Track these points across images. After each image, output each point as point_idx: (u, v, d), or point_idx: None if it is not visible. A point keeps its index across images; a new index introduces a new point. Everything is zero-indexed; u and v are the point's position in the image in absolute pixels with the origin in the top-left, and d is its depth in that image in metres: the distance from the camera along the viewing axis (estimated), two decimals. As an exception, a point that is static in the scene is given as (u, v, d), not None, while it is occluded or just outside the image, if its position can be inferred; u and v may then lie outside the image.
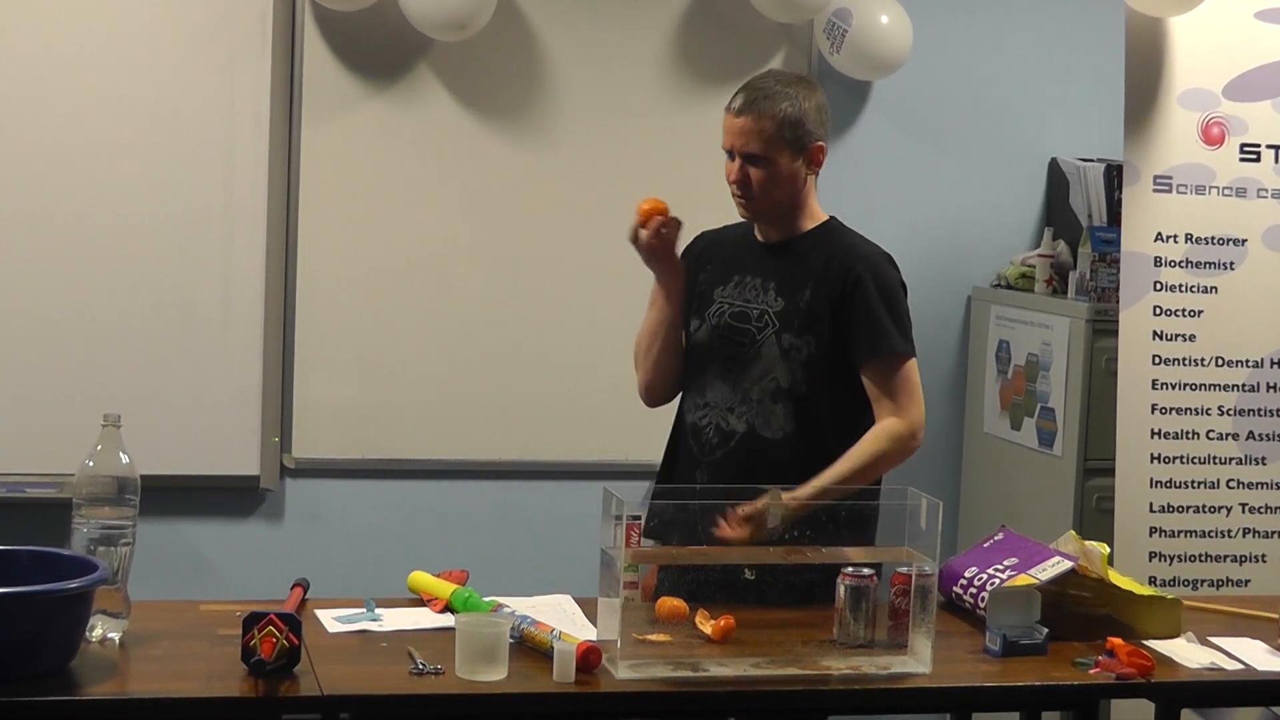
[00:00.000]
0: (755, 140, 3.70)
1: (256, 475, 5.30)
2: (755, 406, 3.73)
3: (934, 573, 3.28)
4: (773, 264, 3.81)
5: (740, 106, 3.73)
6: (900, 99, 5.76)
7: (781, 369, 3.72)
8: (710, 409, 3.78)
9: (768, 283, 3.79)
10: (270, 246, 5.24)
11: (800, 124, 3.73)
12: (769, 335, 3.74)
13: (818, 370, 3.73)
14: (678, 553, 3.57)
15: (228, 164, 5.20)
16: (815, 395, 3.73)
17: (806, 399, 3.72)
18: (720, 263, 3.87)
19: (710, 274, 3.86)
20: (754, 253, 3.84)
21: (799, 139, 3.73)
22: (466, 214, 5.41)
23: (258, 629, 2.96)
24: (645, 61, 5.49)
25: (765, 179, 3.73)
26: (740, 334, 3.76)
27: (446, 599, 3.46)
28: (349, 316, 5.35)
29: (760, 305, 3.77)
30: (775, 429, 3.72)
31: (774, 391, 3.73)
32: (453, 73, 5.37)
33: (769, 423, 3.72)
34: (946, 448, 5.88)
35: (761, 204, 3.76)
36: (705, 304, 3.84)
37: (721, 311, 3.81)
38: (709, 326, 3.81)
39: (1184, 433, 4.94)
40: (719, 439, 3.75)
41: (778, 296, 3.76)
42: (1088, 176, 5.60)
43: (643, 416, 4.07)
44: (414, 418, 5.43)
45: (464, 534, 5.46)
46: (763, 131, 3.70)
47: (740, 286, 3.82)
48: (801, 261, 3.78)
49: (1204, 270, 4.97)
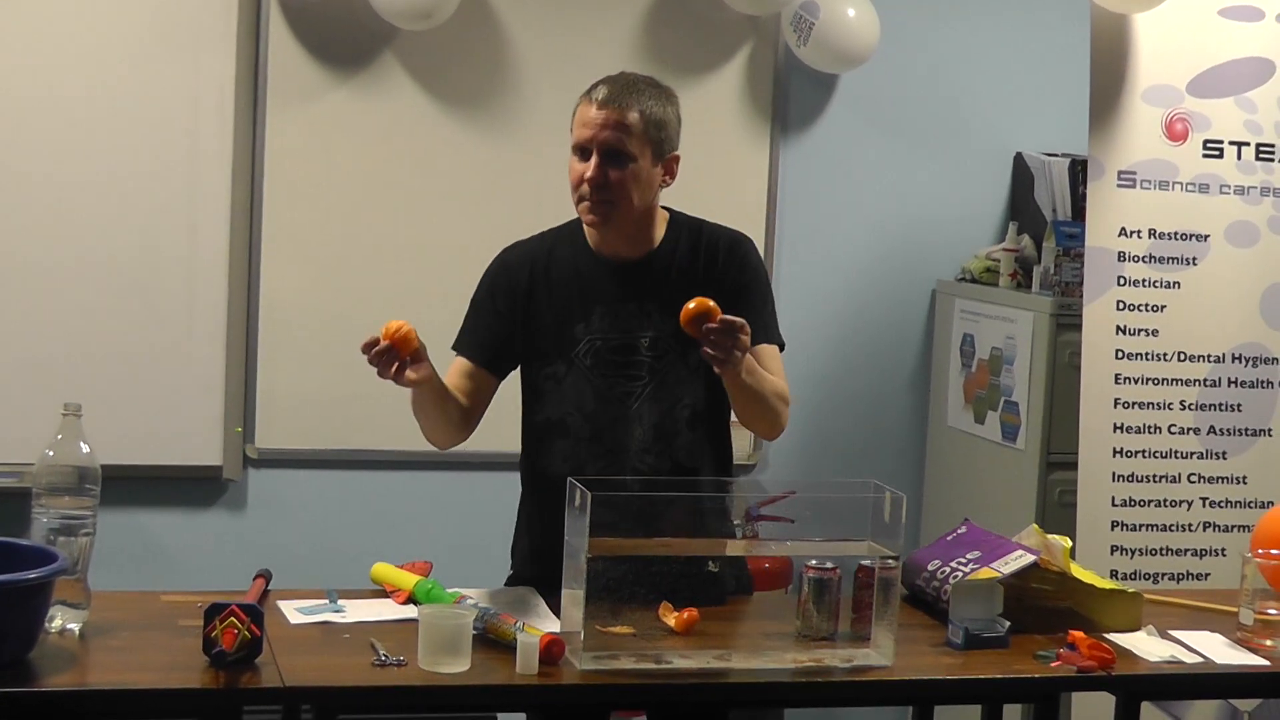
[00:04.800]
0: (622, 134, 3.44)
1: (219, 465, 5.28)
2: (673, 440, 3.55)
3: (897, 566, 3.28)
4: (639, 285, 3.55)
5: (605, 97, 3.45)
6: (867, 93, 5.76)
7: (693, 390, 3.54)
8: (616, 454, 3.54)
9: (645, 305, 3.53)
10: (234, 236, 5.22)
11: (664, 126, 3.49)
12: (671, 360, 3.53)
13: (717, 381, 3.48)
14: (641, 544, 3.56)
15: (191, 153, 5.18)
16: (714, 408, 3.58)
17: (712, 415, 3.58)
18: (567, 295, 3.55)
19: (558, 311, 3.55)
20: (609, 276, 3.55)
21: (660, 143, 3.49)
22: (432, 205, 5.40)
23: (219, 620, 2.95)
24: (611, 53, 5.48)
25: (627, 180, 3.45)
26: (631, 367, 3.54)
27: (409, 590, 3.46)
28: (313, 306, 5.33)
29: (647, 332, 3.53)
30: (696, 457, 3.57)
31: (689, 418, 3.56)
32: (419, 63, 5.36)
33: (692, 453, 3.56)
34: (910, 440, 5.89)
35: (617, 210, 3.47)
36: (564, 345, 3.54)
37: (594, 350, 3.54)
38: (580, 369, 3.54)
39: (1146, 427, 4.96)
40: (642, 486, 3.47)
41: (664, 317, 3.49)
42: (1052, 171, 5.61)
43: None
44: (378, 409, 5.39)
45: (428, 525, 5.45)
46: (629, 126, 3.44)
47: (608, 317, 3.54)
48: (672, 271, 3.55)
49: (1167, 265, 4.98)
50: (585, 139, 3.47)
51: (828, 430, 5.81)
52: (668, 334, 3.51)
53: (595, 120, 3.46)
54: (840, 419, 5.84)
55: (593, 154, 3.46)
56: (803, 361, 5.45)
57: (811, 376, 5.67)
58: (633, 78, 3.55)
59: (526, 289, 3.61)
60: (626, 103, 3.46)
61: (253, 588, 3.45)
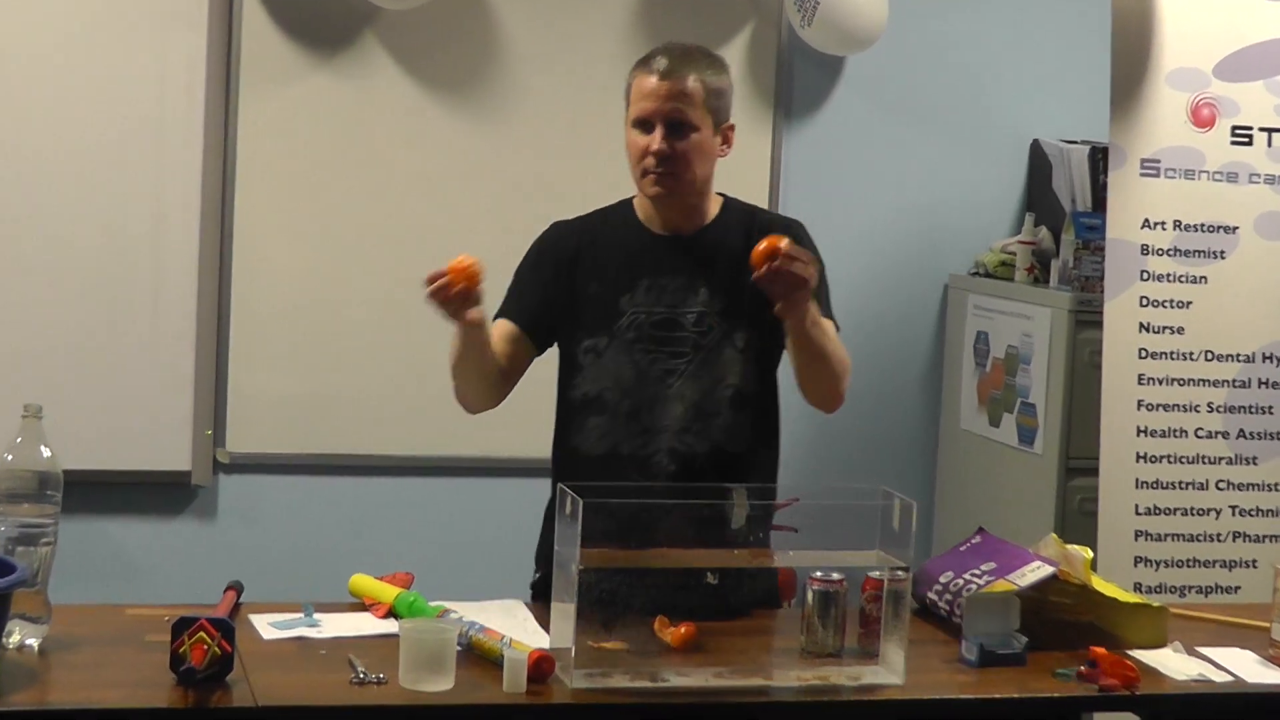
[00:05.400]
0: (685, 104, 3.54)
1: (188, 470, 5.29)
2: (714, 420, 3.62)
3: (907, 577, 3.28)
4: (689, 260, 3.65)
5: (666, 68, 3.55)
6: (875, 76, 5.77)
7: (738, 370, 3.62)
8: (654, 434, 3.61)
9: (693, 281, 3.63)
10: (205, 227, 5.22)
11: (722, 95, 3.61)
12: (717, 337, 3.62)
13: (766, 363, 3.65)
14: (636, 555, 3.56)
15: (159, 140, 5.18)
16: (762, 392, 3.67)
17: (759, 398, 3.66)
18: (613, 267, 3.66)
19: (604, 282, 3.65)
20: (658, 250, 3.66)
21: (719, 111, 3.60)
22: (415, 195, 5.40)
23: (188, 635, 2.95)
24: (606, 32, 5.49)
25: (691, 151, 3.56)
26: (674, 343, 3.62)
27: (390, 604, 3.45)
28: (288, 302, 5.33)
29: (693, 308, 3.62)
30: (740, 440, 3.64)
31: (733, 398, 3.63)
32: (402, 44, 5.36)
33: (733, 435, 3.63)
34: (921, 445, 5.89)
35: (681, 183, 3.58)
36: (608, 317, 3.64)
37: (637, 323, 3.63)
38: (622, 343, 3.62)
39: (1171, 430, 4.96)
40: (679, 465, 3.59)
41: (712, 295, 3.62)
42: (1071, 159, 5.62)
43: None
44: (357, 410, 5.42)
45: (409, 534, 5.45)
46: (691, 96, 3.54)
47: (655, 291, 3.63)
48: (723, 250, 3.64)
49: (1193, 259, 4.98)
50: (648, 111, 3.56)
51: (834, 434, 5.81)
52: (714, 311, 3.62)
53: (658, 91, 3.55)
54: (847, 421, 5.81)
55: (655, 126, 3.56)
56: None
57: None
58: (687, 46, 3.66)
59: (572, 257, 3.70)
60: (687, 72, 3.56)
61: (223, 600, 3.44)
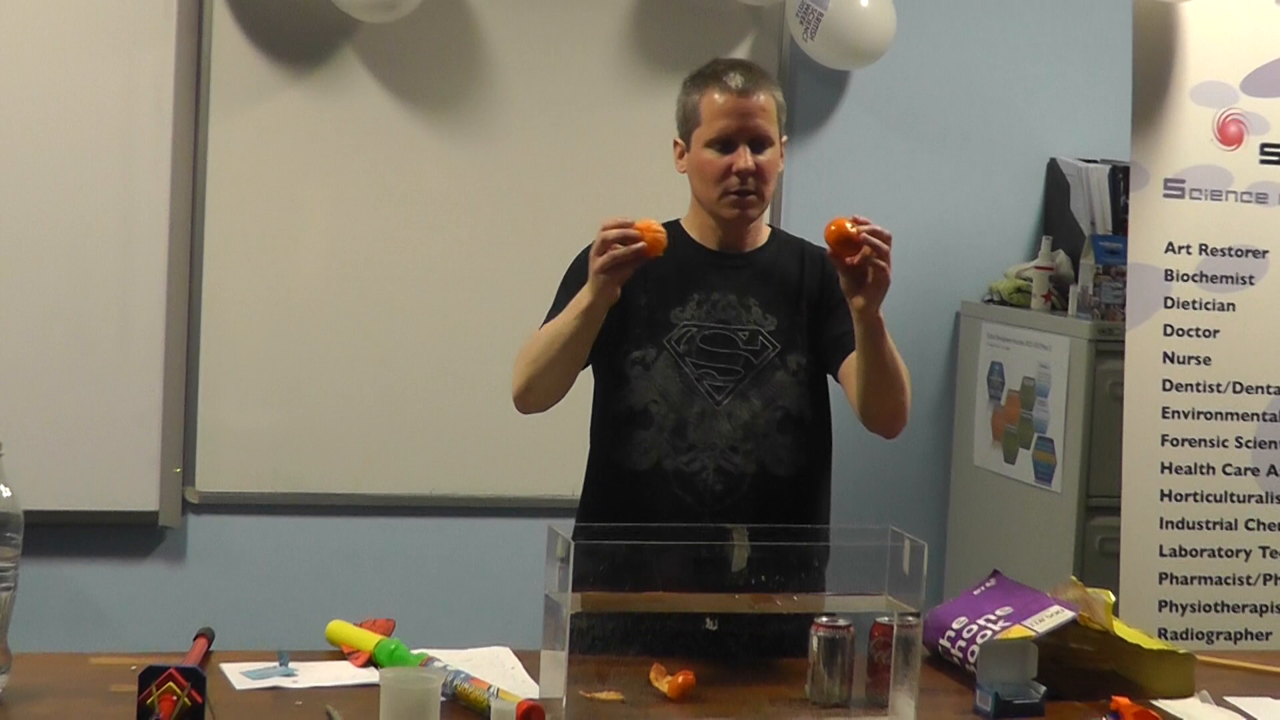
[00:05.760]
0: (764, 120, 3.66)
1: (155, 511, 5.27)
2: (763, 441, 3.69)
3: (918, 623, 3.27)
4: (743, 278, 3.75)
5: (744, 84, 3.66)
6: (881, 91, 5.77)
7: (790, 394, 3.71)
8: (700, 450, 3.68)
9: (745, 300, 3.73)
10: (173, 252, 5.22)
11: (784, 110, 3.75)
12: (770, 357, 3.71)
13: (816, 389, 3.75)
14: (631, 599, 3.55)
15: (126, 159, 5.17)
16: (817, 419, 3.77)
17: (811, 425, 3.75)
18: (664, 279, 3.72)
19: (655, 293, 3.72)
20: (712, 265, 3.76)
21: (782, 128, 3.73)
22: (396, 217, 5.40)
23: (156, 685, 2.93)
24: (597, 47, 5.49)
25: (772, 166, 3.68)
26: (725, 360, 3.70)
27: (370, 651, 3.44)
28: (262, 332, 5.32)
29: (746, 326, 3.72)
30: (787, 464, 3.72)
31: (781, 421, 3.71)
32: (381, 58, 5.36)
33: (780, 458, 3.71)
34: (932, 482, 5.88)
35: (761, 200, 3.72)
36: (657, 330, 3.71)
37: (688, 337, 3.71)
38: (671, 355, 3.70)
39: (1198, 467, 4.96)
40: (724, 484, 3.68)
41: (765, 314, 3.72)
42: (1091, 179, 5.62)
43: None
44: (334, 447, 5.41)
45: (390, 578, 5.44)
46: (769, 111, 3.67)
47: (706, 306, 3.73)
48: (778, 272, 3.76)
49: (1220, 285, 4.99)
50: (731, 129, 3.65)
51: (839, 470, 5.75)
52: (767, 330, 3.71)
53: (738, 109, 3.65)
54: (853, 457, 5.81)
55: (738, 145, 3.66)
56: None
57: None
58: (744, 61, 3.83)
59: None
60: (760, 87, 3.68)
61: (194, 648, 3.43)
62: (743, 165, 3.65)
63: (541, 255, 5.37)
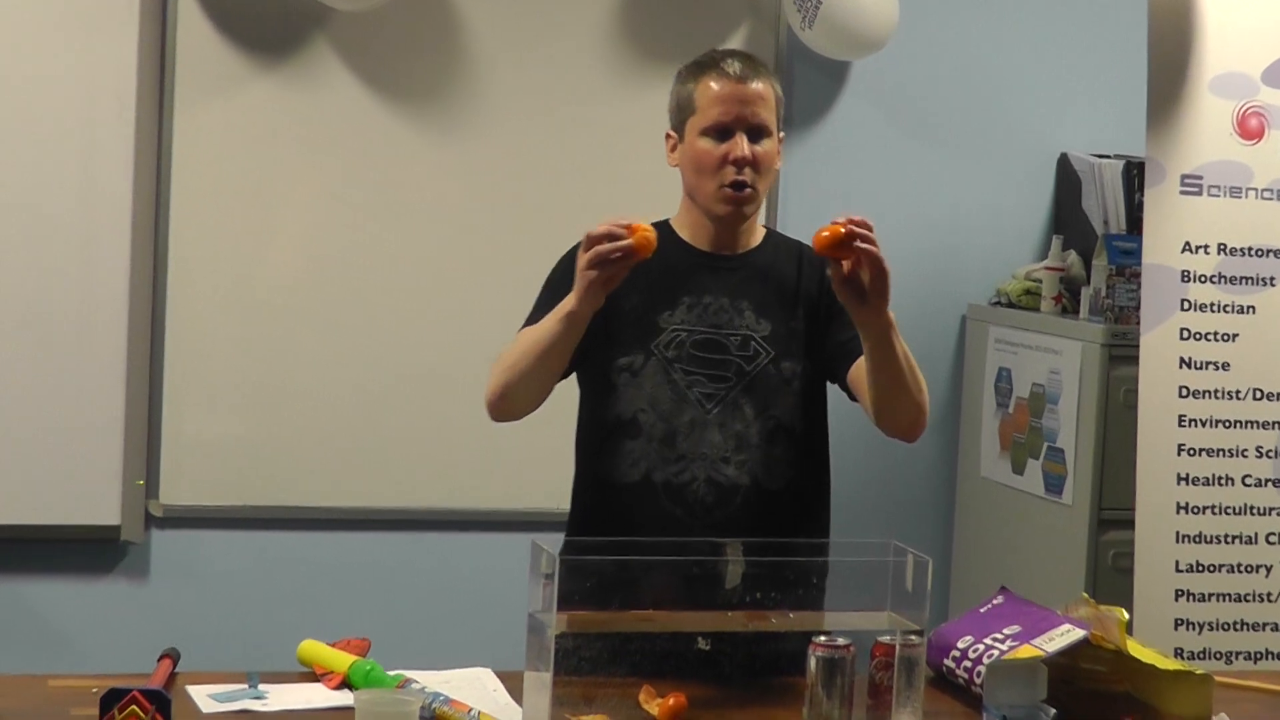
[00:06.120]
0: (762, 108, 3.68)
1: (117, 525, 5.27)
2: (755, 452, 3.70)
3: (922, 642, 3.27)
4: (736, 280, 3.75)
5: (743, 71, 3.68)
6: (883, 83, 5.78)
7: (782, 403, 3.71)
8: (690, 461, 3.68)
9: (738, 303, 3.73)
10: (136, 253, 5.21)
11: (783, 104, 3.77)
12: (763, 364, 3.70)
13: (812, 399, 3.75)
14: (619, 617, 3.55)
15: (85, 155, 5.17)
16: (810, 429, 3.76)
17: (805, 435, 3.75)
18: (653, 281, 3.71)
19: (643, 297, 3.71)
20: (703, 267, 3.76)
21: (780, 121, 3.75)
22: (372, 216, 5.40)
23: (118, 709, 2.93)
24: (585, 37, 5.50)
25: (770, 157, 3.69)
26: (717, 366, 3.69)
27: (344, 673, 3.44)
28: (230, 337, 5.32)
29: (738, 330, 3.71)
30: (778, 477, 3.72)
31: (773, 431, 3.71)
32: (357, 48, 5.36)
33: (771, 471, 3.71)
34: (936, 494, 5.89)
35: (758, 195, 3.72)
36: (645, 334, 3.72)
37: (677, 341, 3.71)
38: (660, 361, 3.70)
39: (1216, 478, 4.96)
40: (716, 497, 3.68)
41: (759, 318, 3.72)
42: (1104, 176, 5.62)
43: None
44: (307, 457, 5.40)
45: (365, 595, 5.44)
46: (767, 100, 3.69)
47: (697, 309, 3.73)
48: (773, 275, 3.76)
49: (1240, 287, 4.99)
50: (728, 116, 3.66)
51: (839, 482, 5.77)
52: (760, 336, 3.71)
53: (736, 95, 3.67)
54: (853, 468, 5.83)
55: (735, 132, 3.66)
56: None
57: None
58: (742, 51, 3.84)
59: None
60: (758, 75, 3.70)
61: (158, 670, 3.43)
62: (740, 153, 3.65)
63: (527, 256, 5.33)
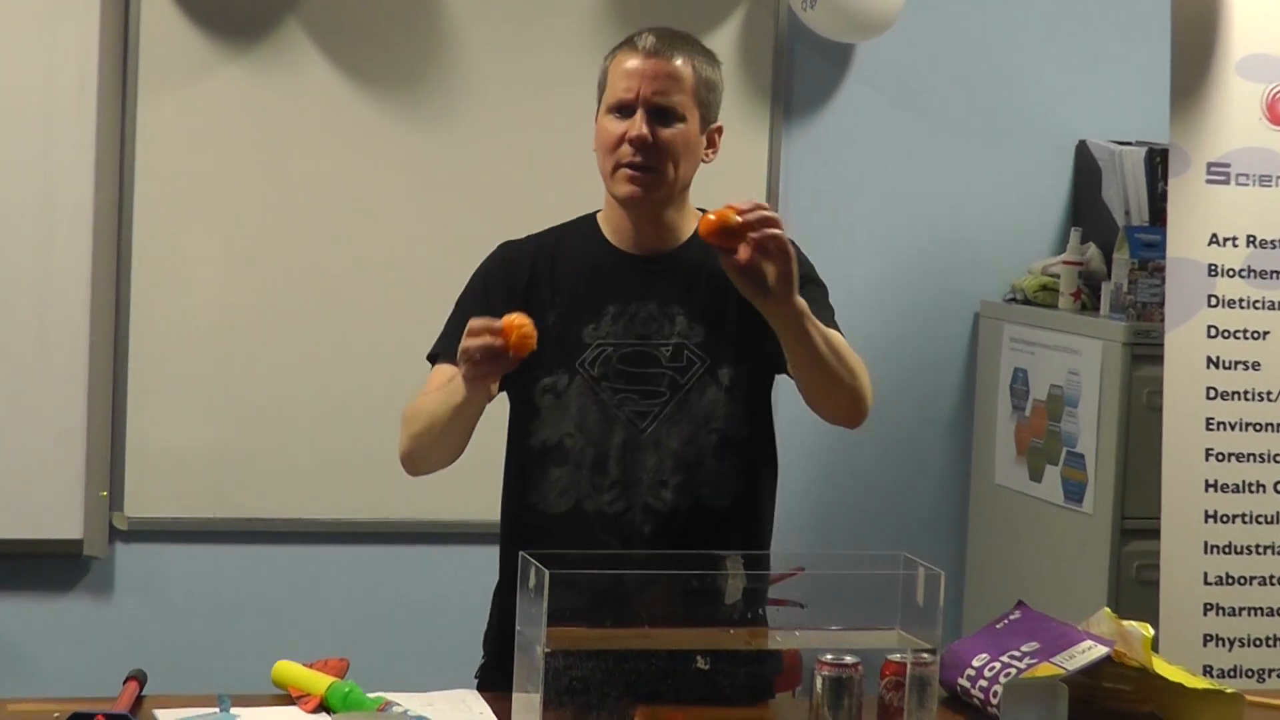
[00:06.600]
0: (672, 88, 3.56)
1: (80, 539, 5.27)
2: (696, 472, 3.62)
3: (934, 660, 3.27)
4: (665, 284, 3.65)
5: (653, 46, 3.57)
6: (890, 66, 5.78)
7: (724, 412, 3.62)
8: (624, 488, 3.61)
9: (668, 309, 3.63)
10: (98, 251, 5.22)
11: (714, 88, 3.65)
12: (698, 373, 3.62)
13: (757, 403, 3.66)
14: (613, 635, 3.56)
15: (45, 145, 5.18)
16: (756, 436, 3.69)
17: (749, 444, 3.67)
18: (575, 292, 3.66)
19: (563, 310, 3.65)
20: (628, 271, 3.66)
21: (709, 107, 3.63)
22: (347, 211, 5.40)
23: (81, 734, 2.94)
24: (573, 18, 5.50)
25: (677, 142, 3.56)
26: (648, 381, 3.62)
27: (321, 695, 3.44)
28: (197, 340, 5.32)
29: (669, 340, 3.63)
30: (726, 493, 3.64)
31: (717, 445, 3.63)
32: (330, 33, 5.36)
33: (718, 487, 3.64)
34: (949, 503, 5.89)
35: (663, 180, 3.58)
36: (568, 352, 3.63)
37: (604, 358, 3.62)
38: (586, 381, 3.62)
39: (1246, 485, 4.97)
40: (653, 524, 3.59)
41: (691, 324, 3.62)
42: (1125, 164, 5.63)
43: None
44: (279, 467, 5.40)
45: (343, 612, 5.44)
46: (680, 80, 3.57)
47: (623, 320, 3.64)
48: (704, 272, 3.63)
49: (1270, 281, 4.99)
50: (628, 93, 3.58)
51: (845, 491, 5.81)
52: (694, 343, 3.62)
53: (642, 71, 3.57)
54: (861, 477, 5.84)
55: (636, 110, 3.57)
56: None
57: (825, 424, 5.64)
58: (678, 30, 3.69)
59: (526, 283, 3.69)
60: (677, 54, 3.59)
61: (123, 693, 3.43)
62: (634, 133, 3.54)
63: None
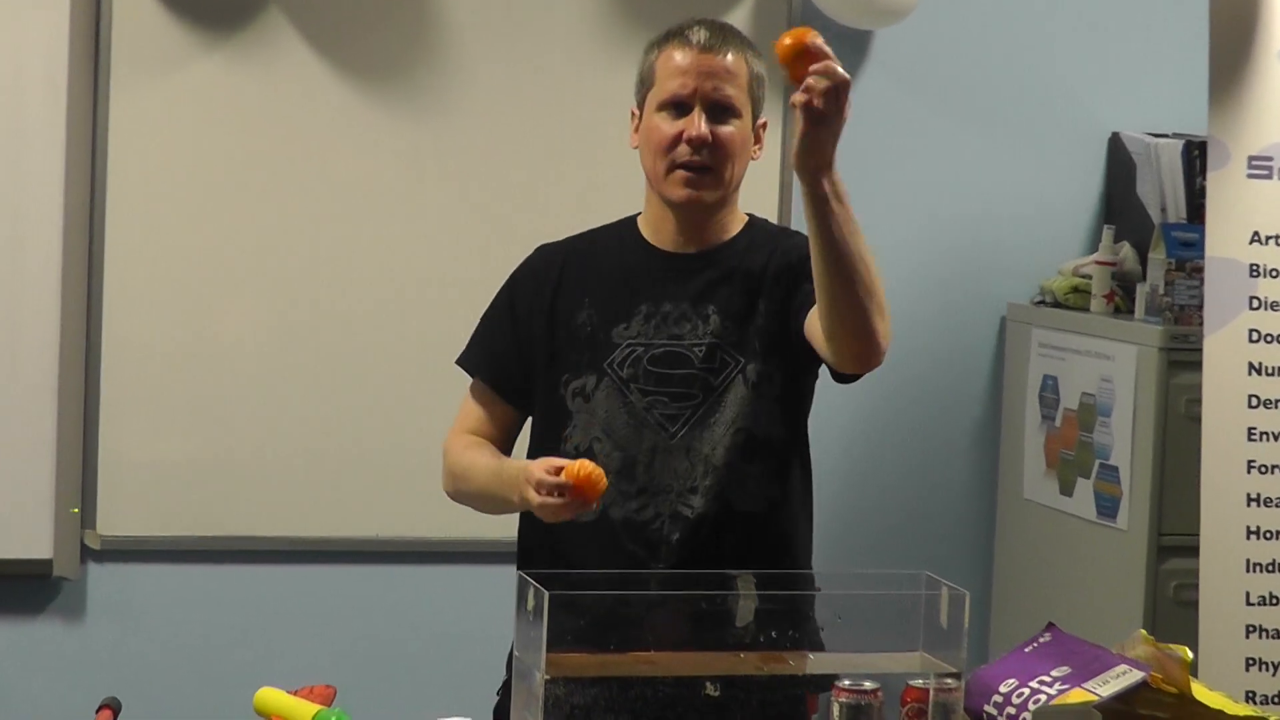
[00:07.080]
0: (729, 84, 3.65)
1: (49, 559, 5.27)
2: (725, 473, 3.65)
3: (959, 685, 3.27)
4: (701, 283, 3.71)
5: (707, 41, 3.65)
6: (910, 55, 5.78)
7: (751, 411, 3.66)
8: (651, 495, 3.66)
9: (702, 308, 3.69)
10: (68, 252, 5.22)
11: (763, 83, 3.74)
12: (732, 376, 3.67)
13: (791, 403, 3.70)
14: (616, 660, 3.56)
15: (11, 142, 5.19)
16: (788, 439, 3.72)
17: (782, 447, 3.71)
18: (606, 291, 3.74)
19: (595, 311, 3.73)
20: (661, 269, 3.74)
21: (759, 103, 3.72)
22: (332, 209, 5.40)
23: (50, 766, 2.95)
24: (571, 5, 5.49)
25: (735, 141, 3.65)
26: (679, 383, 3.66)
27: (305, 725, 3.45)
28: (173, 349, 5.32)
29: (703, 340, 3.67)
30: (756, 497, 3.69)
31: (744, 445, 3.66)
32: (315, 22, 5.36)
33: (746, 490, 3.67)
34: (975, 518, 5.89)
35: (720, 179, 3.66)
36: (598, 352, 3.71)
37: (633, 358, 3.68)
38: (614, 383, 3.68)
39: (1290, 499, 4.98)
40: (681, 531, 3.64)
41: (725, 322, 3.68)
42: (1161, 158, 5.63)
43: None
44: (260, 483, 5.40)
45: (329, 636, 5.44)
46: (737, 76, 3.66)
47: (655, 320, 3.70)
48: (741, 270, 3.70)
49: (1315, 282, 5.01)
50: (685, 90, 3.64)
51: (865, 506, 5.80)
52: (727, 344, 3.66)
53: (699, 66, 3.64)
54: (882, 491, 5.84)
55: (693, 108, 3.63)
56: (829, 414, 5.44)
57: (842, 434, 5.66)
58: (724, 22, 3.77)
59: (556, 286, 3.78)
60: (730, 48, 3.67)
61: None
62: (694, 132, 3.61)
63: (506, 254, 5.27)
